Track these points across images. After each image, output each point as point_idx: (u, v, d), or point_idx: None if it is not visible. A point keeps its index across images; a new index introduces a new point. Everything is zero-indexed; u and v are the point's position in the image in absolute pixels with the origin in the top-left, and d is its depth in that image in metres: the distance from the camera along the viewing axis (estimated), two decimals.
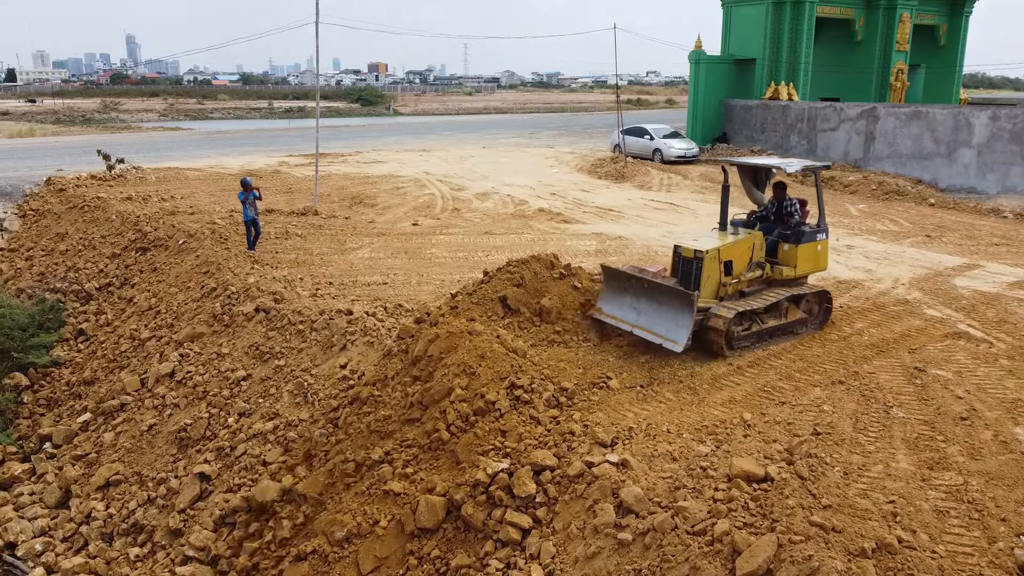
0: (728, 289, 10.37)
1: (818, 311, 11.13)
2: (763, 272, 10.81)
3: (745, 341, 10.16)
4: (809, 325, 10.94)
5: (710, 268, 10.14)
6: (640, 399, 8.75)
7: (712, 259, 10.16)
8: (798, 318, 10.77)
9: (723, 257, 10.30)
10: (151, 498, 10.35)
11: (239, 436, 10.30)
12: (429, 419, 8.58)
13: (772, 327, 10.49)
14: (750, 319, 10.24)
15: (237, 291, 13.12)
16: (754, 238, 10.71)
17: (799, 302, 10.83)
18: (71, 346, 15.27)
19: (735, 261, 10.47)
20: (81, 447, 11.97)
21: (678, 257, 10.43)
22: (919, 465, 7.16)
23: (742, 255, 10.58)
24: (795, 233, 11.01)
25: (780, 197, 11.54)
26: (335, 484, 8.71)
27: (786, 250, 10.98)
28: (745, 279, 10.57)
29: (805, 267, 11.05)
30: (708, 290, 10.16)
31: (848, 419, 8.09)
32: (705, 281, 10.11)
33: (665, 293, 9.91)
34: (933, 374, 9.30)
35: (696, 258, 10.16)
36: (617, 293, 10.55)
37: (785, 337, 10.60)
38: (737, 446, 7.44)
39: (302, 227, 17.70)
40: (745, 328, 10.17)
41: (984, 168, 23.30)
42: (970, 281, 13.87)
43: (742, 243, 10.61)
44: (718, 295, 10.27)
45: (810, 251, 11.03)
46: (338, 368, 10.56)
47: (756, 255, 10.72)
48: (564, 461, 7.48)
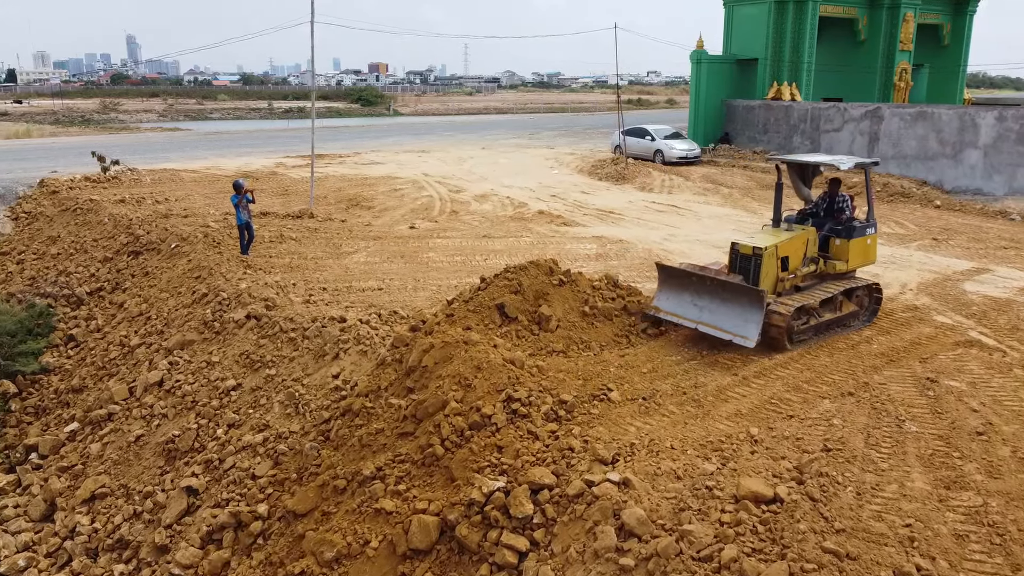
0: (784, 284, 10.60)
1: (868, 303, 11.36)
2: (816, 267, 11.07)
3: (803, 335, 10.40)
4: (860, 318, 11.22)
5: (768, 264, 10.36)
6: (642, 412, 8.42)
7: (771, 255, 10.37)
8: (851, 311, 11.06)
9: (780, 253, 10.53)
10: (137, 512, 10.02)
11: (228, 448, 9.97)
12: (423, 433, 8.26)
13: (828, 320, 10.73)
14: (808, 313, 10.50)
15: (228, 297, 12.80)
16: (808, 234, 10.95)
17: (851, 295, 11.10)
18: (61, 352, 14.95)
19: (791, 257, 10.69)
20: (67, 458, 11.65)
21: (736, 254, 10.61)
22: (935, 484, 6.83)
23: (797, 251, 10.80)
24: (847, 228, 11.24)
25: (833, 193, 11.77)
26: (326, 501, 8.40)
27: (838, 245, 11.24)
28: (800, 274, 10.84)
29: (856, 261, 11.30)
30: (766, 285, 10.39)
31: (859, 434, 7.76)
32: (764, 276, 10.33)
33: (731, 290, 10.13)
34: (946, 385, 8.97)
35: (755, 255, 10.36)
36: (675, 291, 10.77)
37: (839, 330, 10.87)
38: (744, 464, 7.11)
39: (297, 230, 17.37)
40: (804, 322, 10.40)
41: (991, 169, 22.94)
42: (980, 286, 13.54)
43: (797, 239, 10.81)
44: (775, 290, 10.49)
45: (861, 245, 11.31)
46: (330, 378, 10.23)
47: (810, 251, 10.97)
48: (563, 479, 7.15)
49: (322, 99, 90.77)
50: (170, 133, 50.23)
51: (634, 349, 10.22)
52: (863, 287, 11.25)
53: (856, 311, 11.17)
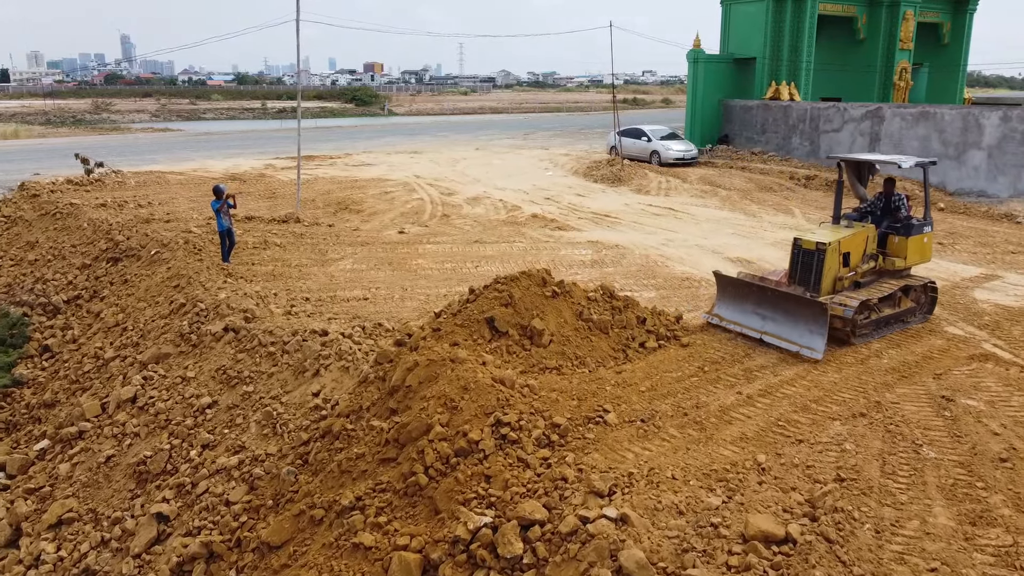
0: (845, 281, 10.77)
1: (924, 300, 11.49)
2: (876, 263, 11.24)
3: (866, 329, 10.51)
4: (917, 315, 11.36)
5: (831, 260, 10.52)
6: (641, 436, 7.86)
7: (833, 251, 10.53)
8: (909, 307, 11.19)
9: (842, 249, 10.67)
10: (105, 540, 9.42)
11: (201, 472, 9.40)
12: (406, 460, 7.69)
13: (888, 316, 10.86)
14: (870, 308, 10.60)
15: (206, 308, 12.21)
16: (868, 231, 11.09)
17: (908, 292, 11.24)
18: (35, 364, 14.35)
19: (852, 253, 10.84)
20: (36, 479, 11.04)
21: (798, 249, 10.75)
22: (960, 520, 6.28)
23: (858, 247, 10.95)
24: (904, 226, 11.42)
25: (889, 192, 11.87)
26: (302, 532, 7.83)
27: (896, 242, 11.42)
28: (861, 270, 10.98)
29: (914, 258, 11.49)
30: (828, 280, 10.56)
31: (874, 461, 7.22)
32: (826, 272, 10.50)
33: (794, 302, 10.18)
34: (963, 404, 8.44)
35: (818, 250, 10.53)
36: (736, 300, 10.87)
37: (898, 326, 10.99)
38: (752, 496, 6.56)
39: (282, 236, 16.77)
40: (865, 317, 10.51)
41: (995, 171, 22.42)
42: (990, 294, 13.02)
43: (858, 235, 10.93)
44: (836, 287, 10.66)
45: (918, 243, 11.50)
46: (310, 396, 9.66)
47: (870, 247, 11.13)
48: (556, 514, 6.58)
49: (316, 99, 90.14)
50: (160, 134, 49.60)
51: (632, 365, 9.66)
52: (920, 285, 11.36)
53: (913, 307, 11.28)
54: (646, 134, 30.48)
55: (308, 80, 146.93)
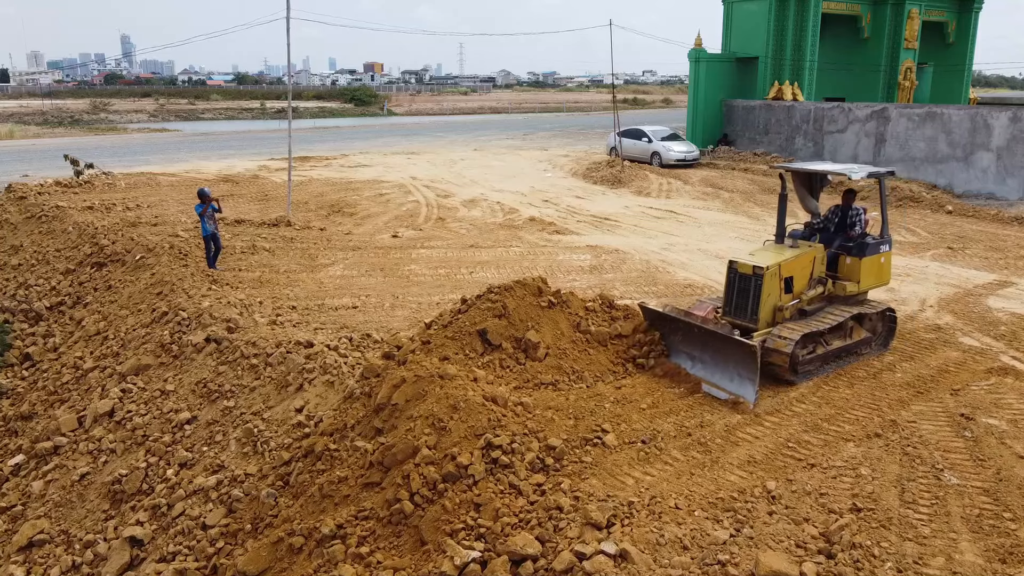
0: (786, 311, 9.40)
1: (882, 329, 10.25)
2: (824, 288, 9.86)
3: (810, 365, 9.25)
4: (874, 345, 10.12)
5: (770, 286, 9.23)
6: (641, 459, 7.36)
7: (773, 275, 9.23)
8: (863, 338, 9.97)
9: (784, 273, 9.39)
10: (76, 564, 8.91)
11: (178, 492, 8.89)
12: (390, 484, 7.19)
13: (837, 348, 9.63)
14: (815, 341, 9.33)
15: (189, 317, 11.71)
16: (815, 251, 9.78)
17: (863, 320, 10.00)
18: (15, 373, 13.83)
19: (796, 277, 9.55)
20: (8, 496, 10.54)
21: (734, 274, 9.42)
22: (988, 556, 5.78)
23: (803, 270, 9.66)
24: (858, 245, 10.10)
25: (848, 204, 10.63)
26: (280, 561, 7.33)
27: (849, 264, 10.10)
28: (807, 297, 9.65)
29: (869, 282, 10.19)
30: (767, 309, 9.28)
31: (892, 487, 6.72)
32: (765, 300, 9.22)
33: (721, 341, 8.76)
34: (984, 424, 7.94)
35: (755, 275, 9.20)
36: (666, 334, 9.53)
37: (850, 359, 9.78)
38: (762, 529, 6.06)
39: (271, 240, 16.28)
40: (810, 351, 9.24)
41: (1004, 172, 21.92)
42: (1005, 302, 12.52)
43: (803, 257, 9.65)
44: (776, 317, 9.38)
45: (874, 264, 10.18)
46: (293, 412, 9.17)
47: (817, 270, 9.81)
48: (549, 547, 6.08)
49: (316, 99, 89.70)
50: (157, 134, 49.12)
51: (632, 380, 9.15)
52: (876, 312, 10.07)
53: (868, 338, 10.03)
54: (647, 135, 29.98)
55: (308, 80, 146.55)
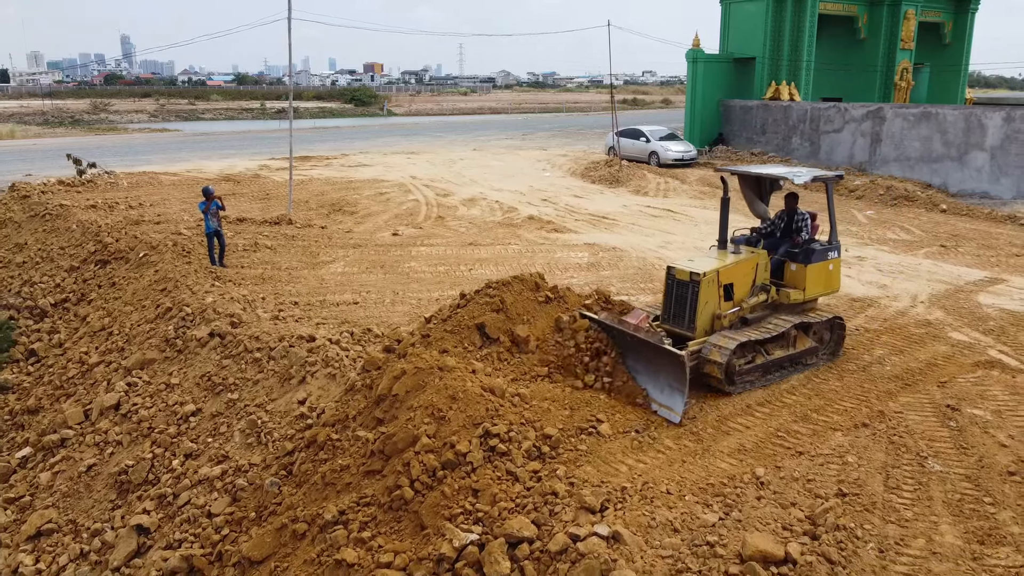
0: (725, 320, 9.11)
1: (830, 339, 9.90)
2: (768, 296, 9.60)
3: (749, 375, 8.96)
4: (821, 355, 9.75)
5: (707, 293, 8.95)
6: (635, 448, 7.58)
7: (710, 282, 8.96)
8: (808, 347, 9.58)
9: (723, 280, 9.10)
10: (84, 552, 9.14)
11: (183, 482, 9.11)
12: (391, 472, 7.41)
13: (779, 359, 9.27)
14: (753, 350, 9.02)
15: (192, 312, 11.93)
16: (758, 257, 9.51)
17: (809, 330, 9.64)
18: (21, 368, 14.05)
19: (736, 284, 9.26)
20: (16, 488, 10.76)
21: (672, 280, 9.21)
22: (967, 538, 6.00)
23: (744, 277, 9.36)
24: (804, 251, 9.83)
25: (792, 209, 10.36)
26: (284, 547, 7.55)
27: (794, 270, 9.81)
28: (748, 305, 9.35)
29: (815, 289, 9.87)
30: (705, 317, 9.00)
31: (877, 474, 6.94)
32: (702, 307, 8.95)
33: (652, 351, 8.47)
34: (969, 414, 8.17)
35: (692, 281, 8.95)
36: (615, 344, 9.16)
37: (794, 369, 9.42)
38: (750, 513, 6.28)
39: (273, 238, 16.50)
40: (748, 361, 8.96)
41: (998, 172, 22.15)
42: (995, 298, 12.74)
43: (745, 263, 9.38)
44: (715, 324, 9.09)
45: (821, 271, 9.84)
46: (295, 404, 9.38)
47: (760, 276, 9.53)
48: (545, 531, 6.30)
49: (316, 99, 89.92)
50: (158, 134, 49.34)
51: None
52: (823, 321, 9.74)
53: (815, 348, 9.69)
54: (645, 134, 30.21)
55: (308, 80, 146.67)
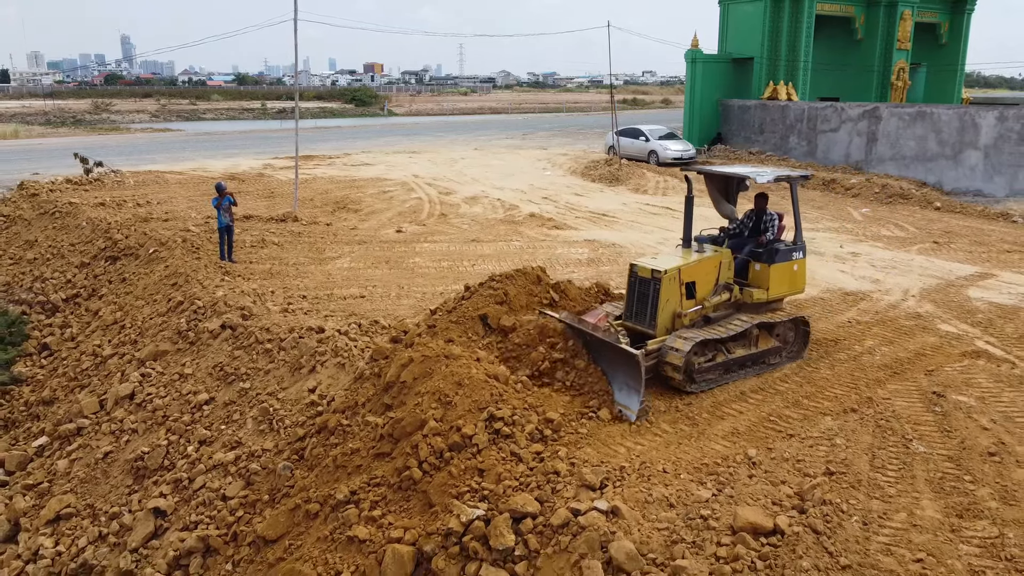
0: (685, 318, 9.11)
1: (794, 339, 9.92)
2: (731, 295, 9.62)
3: (709, 374, 8.97)
4: (784, 355, 9.76)
5: (668, 290, 8.96)
6: (633, 431, 7.93)
7: (671, 280, 8.96)
8: (771, 347, 9.60)
9: (684, 278, 9.11)
10: (102, 535, 9.49)
11: (198, 467, 9.46)
12: (400, 454, 7.75)
13: (740, 357, 9.29)
14: (715, 348, 9.05)
15: (204, 306, 12.27)
16: (721, 256, 9.54)
17: (772, 329, 9.66)
18: (34, 361, 14.41)
19: (699, 282, 9.27)
20: (34, 475, 11.11)
21: (634, 277, 9.21)
22: (947, 512, 6.35)
23: (707, 276, 9.38)
24: (768, 251, 9.86)
25: (761, 209, 10.43)
26: (297, 526, 7.89)
27: (758, 270, 9.85)
28: (711, 303, 9.39)
29: (779, 289, 9.92)
30: (666, 315, 9.02)
31: (864, 455, 7.29)
32: (663, 305, 8.97)
33: (610, 349, 8.51)
34: (954, 400, 8.50)
35: (653, 279, 8.94)
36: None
37: (757, 368, 9.45)
38: (742, 489, 6.62)
39: (280, 234, 16.86)
40: (709, 359, 8.99)
41: (991, 170, 22.51)
42: (984, 292, 13.09)
43: (707, 262, 9.41)
44: (676, 323, 9.10)
45: (785, 272, 9.88)
46: (306, 392, 9.73)
47: (723, 276, 9.56)
48: (547, 507, 6.64)
49: (316, 99, 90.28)
50: (160, 134, 49.68)
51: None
52: (787, 320, 9.74)
53: (778, 347, 9.67)
54: (644, 134, 30.57)
55: (308, 80, 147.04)
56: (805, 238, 10.72)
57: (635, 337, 9.12)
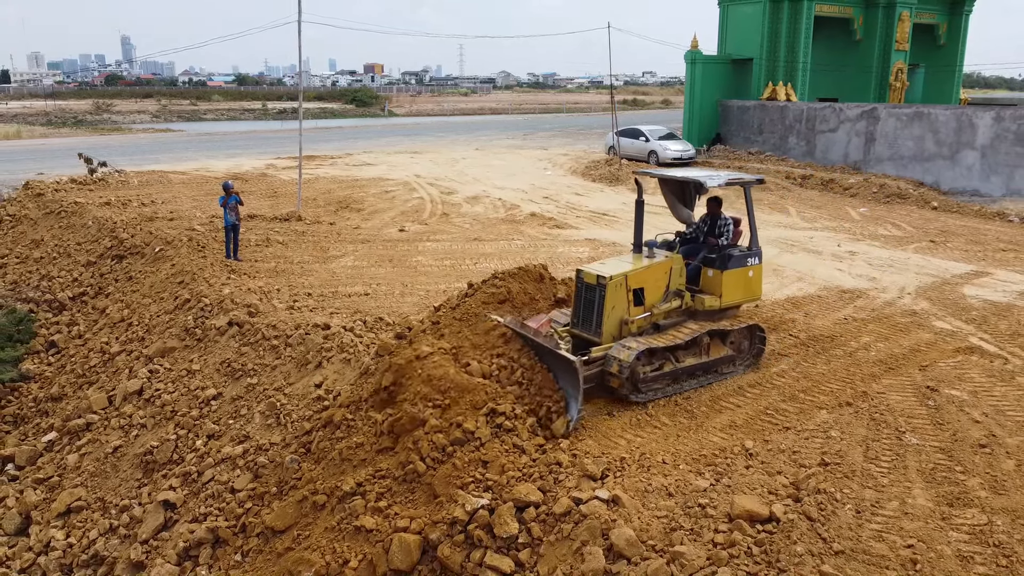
0: (632, 325, 8.82)
1: (749, 347, 9.63)
2: (682, 302, 9.34)
3: (656, 383, 8.68)
4: (738, 364, 9.48)
5: (615, 297, 8.68)
6: (633, 424, 8.13)
7: (617, 286, 8.68)
8: (723, 356, 9.29)
9: (632, 284, 8.83)
10: (113, 527, 9.69)
11: (207, 461, 9.65)
12: (402, 449, 7.94)
13: (691, 366, 8.99)
14: (662, 357, 8.76)
15: (211, 303, 12.47)
16: (672, 262, 9.23)
17: (725, 337, 9.38)
18: (42, 359, 14.60)
19: (648, 289, 8.98)
20: (44, 469, 11.30)
21: (581, 283, 8.91)
22: (938, 501, 6.54)
23: (657, 282, 9.08)
24: (721, 257, 9.53)
25: (715, 213, 10.15)
26: (305, 517, 8.08)
27: (710, 276, 9.53)
28: (660, 310, 9.10)
29: (732, 296, 9.59)
30: (612, 322, 8.73)
31: (858, 447, 7.48)
32: (609, 312, 8.67)
33: (551, 356, 8.24)
34: (947, 394, 8.70)
35: (599, 285, 8.66)
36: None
37: (709, 378, 9.16)
38: (739, 479, 6.82)
39: (284, 234, 17.06)
40: (656, 368, 8.70)
41: (988, 170, 22.70)
42: (979, 290, 13.28)
43: (656, 268, 9.09)
44: (623, 330, 8.81)
45: (739, 278, 9.57)
46: (313, 387, 9.92)
47: (674, 282, 9.25)
48: (550, 496, 6.84)
49: (317, 100, 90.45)
50: (162, 134, 49.86)
51: None
52: (742, 329, 9.43)
53: (731, 356, 9.36)
54: (644, 134, 30.76)
55: (308, 81, 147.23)
56: (804, 237, 10.92)
57: (583, 345, 8.87)
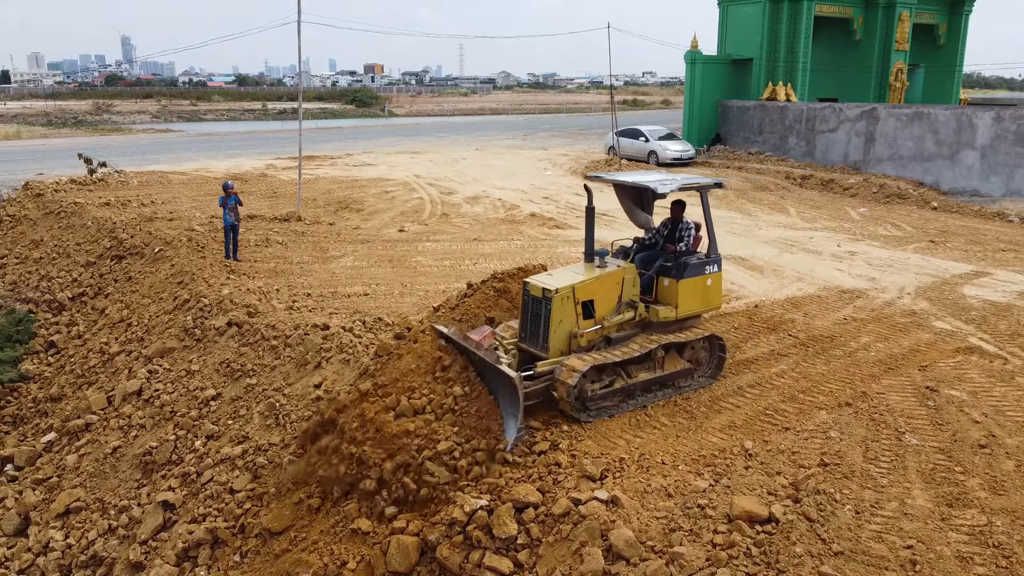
0: (582, 339, 8.35)
1: (709, 360, 9.18)
2: (636, 314, 8.79)
3: (606, 400, 8.23)
4: (697, 377, 9.03)
5: (562, 310, 8.19)
6: (633, 425, 8.11)
7: (564, 299, 8.19)
8: (680, 369, 8.84)
9: (580, 296, 8.33)
10: (112, 527, 9.68)
11: (206, 461, 9.64)
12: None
13: (644, 381, 8.55)
14: (613, 373, 8.35)
15: (210, 303, 12.46)
16: (624, 272, 8.71)
17: (682, 350, 8.95)
18: (41, 359, 14.60)
19: (598, 301, 8.49)
20: (43, 470, 11.30)
21: (527, 296, 8.43)
22: (937, 501, 6.53)
23: (608, 293, 8.59)
24: (677, 265, 8.95)
25: (678, 218, 9.57)
26: (301, 519, 8.08)
27: (666, 286, 8.95)
28: (612, 323, 8.60)
29: (689, 307, 8.97)
30: (560, 336, 8.26)
31: (857, 447, 7.47)
32: (556, 326, 8.20)
33: (491, 371, 7.81)
34: (946, 395, 8.69)
35: (545, 298, 8.18)
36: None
37: (665, 392, 8.74)
38: (738, 480, 6.81)
39: (284, 234, 17.05)
40: (605, 385, 8.27)
41: (988, 170, 22.69)
42: (979, 290, 13.26)
43: (607, 278, 8.57)
44: (572, 344, 8.36)
45: (696, 287, 8.96)
46: (312, 388, 9.91)
47: (627, 293, 8.74)
48: (549, 497, 6.83)
49: (317, 100, 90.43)
50: (161, 135, 49.84)
51: None
52: (699, 339, 8.95)
53: (688, 369, 8.91)
54: (644, 134, 30.75)
55: (308, 81, 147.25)
56: (804, 237, 10.88)
57: (531, 359, 8.41)
